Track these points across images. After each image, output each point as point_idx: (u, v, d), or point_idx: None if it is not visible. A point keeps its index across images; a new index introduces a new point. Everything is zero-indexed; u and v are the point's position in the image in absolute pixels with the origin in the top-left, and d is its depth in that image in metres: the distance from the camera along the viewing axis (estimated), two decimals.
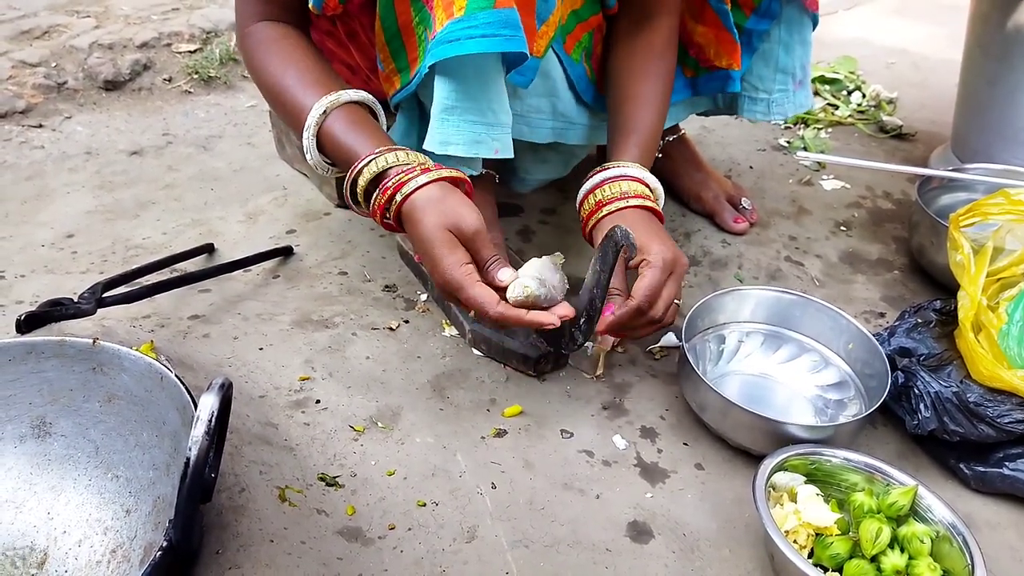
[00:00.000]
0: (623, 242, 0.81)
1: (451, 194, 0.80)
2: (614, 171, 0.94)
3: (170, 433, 0.70)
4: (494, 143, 0.87)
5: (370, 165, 0.81)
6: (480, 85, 0.84)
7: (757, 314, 1.01)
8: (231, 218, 1.25)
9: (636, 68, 1.02)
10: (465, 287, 0.77)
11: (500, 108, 0.87)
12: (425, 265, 0.82)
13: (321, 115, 0.84)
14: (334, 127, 0.84)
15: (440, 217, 0.78)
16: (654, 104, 1.00)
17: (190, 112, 1.61)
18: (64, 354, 0.74)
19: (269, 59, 0.90)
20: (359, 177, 0.81)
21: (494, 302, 0.78)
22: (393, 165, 0.81)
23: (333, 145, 0.85)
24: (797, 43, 1.16)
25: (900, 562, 0.73)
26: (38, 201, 1.28)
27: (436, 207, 0.78)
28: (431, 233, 0.78)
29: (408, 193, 0.79)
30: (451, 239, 0.78)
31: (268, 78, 0.90)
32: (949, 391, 0.85)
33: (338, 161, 0.86)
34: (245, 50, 0.94)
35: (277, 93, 0.89)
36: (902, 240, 1.28)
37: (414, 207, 0.79)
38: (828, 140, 1.59)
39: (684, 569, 0.76)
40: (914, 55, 2.05)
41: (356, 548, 0.74)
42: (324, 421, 0.88)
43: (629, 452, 0.88)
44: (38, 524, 0.71)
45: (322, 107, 0.84)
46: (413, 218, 0.79)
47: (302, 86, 0.87)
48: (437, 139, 0.85)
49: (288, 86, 0.87)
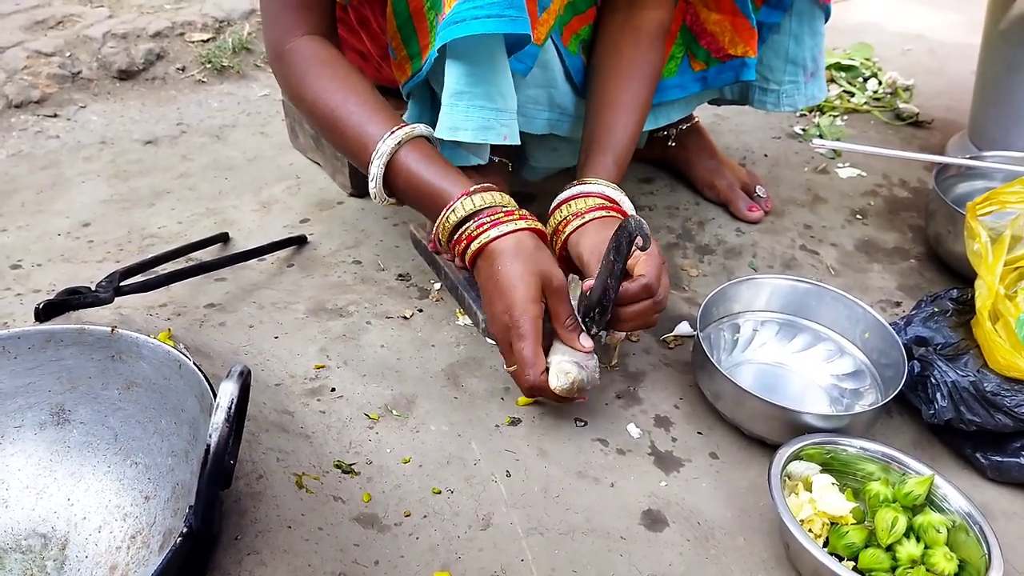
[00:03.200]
0: (637, 232, 0.80)
1: (543, 248, 0.83)
2: (572, 191, 0.94)
3: (188, 420, 0.71)
4: (503, 128, 0.87)
5: (465, 203, 0.81)
6: (489, 69, 0.84)
7: (772, 303, 1.00)
8: (245, 207, 1.25)
9: (619, 67, 1.00)
10: (527, 339, 0.79)
11: (508, 93, 0.87)
12: (491, 305, 0.82)
13: (395, 146, 0.83)
14: (409, 161, 0.84)
15: (533, 264, 0.80)
16: (633, 110, 0.99)
17: (204, 101, 1.61)
18: (83, 342, 0.74)
19: (325, 83, 0.88)
20: (452, 214, 0.82)
21: (540, 369, 0.80)
22: (490, 205, 0.82)
23: (410, 179, 0.84)
24: (808, 34, 1.14)
25: (916, 551, 0.73)
26: (54, 190, 1.29)
27: (530, 255, 0.81)
28: (521, 275, 0.80)
29: (503, 233, 0.81)
30: (538, 290, 0.80)
31: (324, 104, 0.88)
32: (966, 380, 0.85)
33: (410, 193, 0.86)
34: (287, 67, 0.91)
35: (336, 120, 0.87)
36: (918, 228, 1.27)
37: (504, 248, 0.80)
38: (844, 128, 1.58)
39: (699, 557, 0.76)
40: (931, 41, 2.03)
41: (372, 534, 0.75)
42: (339, 409, 0.88)
43: (643, 441, 0.88)
44: (58, 510, 0.72)
45: (397, 139, 0.83)
46: (500, 257, 0.81)
47: (365, 115, 0.86)
48: (447, 125, 0.84)
49: (351, 113, 0.86)
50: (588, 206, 0.91)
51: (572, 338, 0.82)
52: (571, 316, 0.83)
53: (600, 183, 0.94)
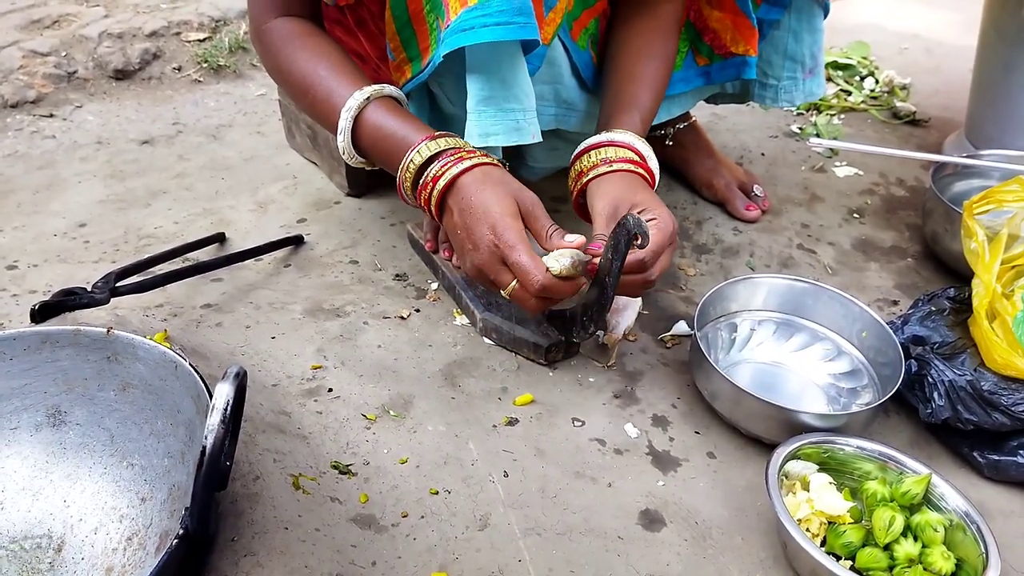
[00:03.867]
0: (635, 230, 0.80)
1: (508, 174, 0.84)
2: (600, 138, 0.92)
3: (185, 422, 0.70)
4: (530, 128, 0.88)
5: (428, 144, 0.82)
6: (511, 72, 0.84)
7: (769, 302, 1.00)
8: (242, 207, 1.25)
9: (639, 49, 1.00)
10: (520, 249, 0.78)
11: (529, 92, 0.87)
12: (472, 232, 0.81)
13: (364, 101, 0.85)
14: (376, 115, 0.86)
15: (505, 187, 0.81)
16: (654, 85, 0.99)
17: (200, 101, 1.61)
18: (79, 343, 0.74)
19: (297, 53, 0.90)
20: (416, 155, 0.82)
21: (542, 270, 0.79)
22: (452, 147, 0.82)
23: (376, 130, 0.86)
24: (806, 31, 1.15)
25: (913, 550, 0.73)
26: (50, 191, 1.28)
27: (499, 180, 0.81)
28: (496, 197, 0.80)
29: (467, 167, 0.81)
30: (515, 207, 0.81)
31: (297, 71, 0.90)
32: (963, 379, 0.85)
33: (377, 145, 0.87)
34: (265, 44, 0.94)
35: (308, 84, 0.89)
36: (916, 227, 1.27)
37: (472, 180, 0.81)
38: (841, 126, 1.58)
39: (696, 557, 0.76)
40: (928, 40, 2.03)
41: (369, 535, 0.75)
42: (336, 409, 0.88)
43: (641, 440, 0.88)
44: (54, 512, 0.72)
45: (365, 94, 0.85)
46: (469, 189, 0.80)
47: (336, 76, 0.88)
48: (477, 131, 0.85)
49: (321, 76, 0.88)
50: (617, 156, 0.90)
51: (558, 242, 0.81)
52: (552, 226, 0.82)
53: (629, 134, 0.93)
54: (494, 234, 0.79)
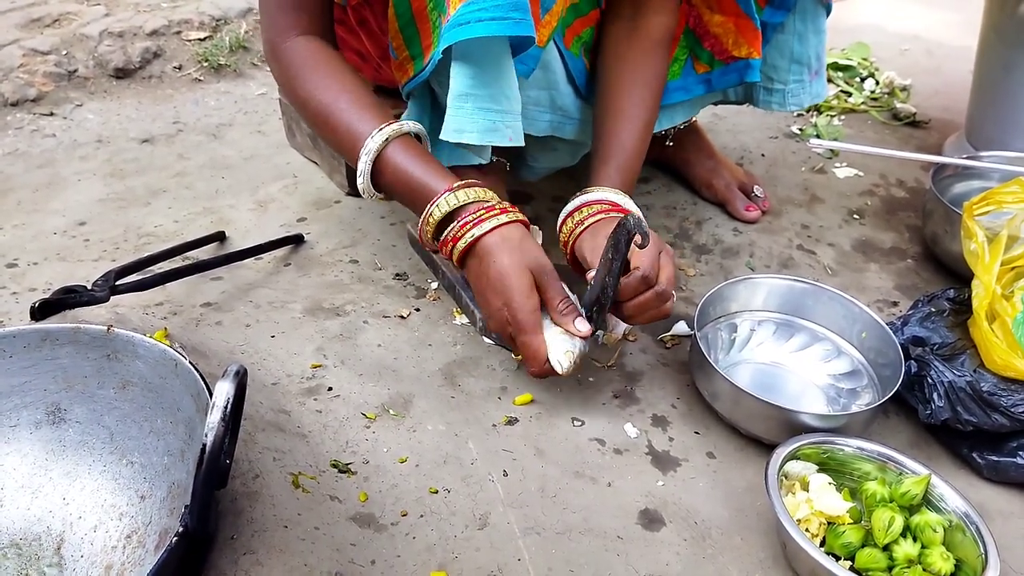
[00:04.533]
0: (635, 230, 0.80)
1: (528, 237, 0.84)
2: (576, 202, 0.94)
3: (184, 420, 0.70)
4: (507, 130, 0.86)
5: (448, 199, 0.82)
6: (494, 71, 0.83)
7: (769, 303, 1.00)
8: (242, 206, 1.25)
9: (625, 75, 1.00)
10: (530, 333, 0.82)
11: (513, 95, 0.87)
12: (488, 302, 0.84)
13: (383, 142, 0.85)
14: (397, 157, 0.85)
15: (522, 257, 0.81)
16: (639, 118, 0.99)
17: (200, 100, 1.61)
18: (79, 341, 0.74)
19: (317, 80, 0.89)
20: (436, 210, 0.83)
21: (544, 359, 0.82)
22: (473, 201, 0.83)
23: (397, 174, 0.85)
24: (811, 32, 1.14)
25: (912, 551, 0.73)
26: (50, 189, 1.28)
27: (517, 247, 0.82)
28: (512, 270, 0.81)
29: (488, 230, 0.82)
30: (531, 282, 0.82)
31: (316, 100, 0.89)
32: (963, 380, 0.85)
33: (397, 189, 0.87)
34: (282, 66, 0.92)
35: (328, 116, 0.88)
36: (915, 228, 1.27)
37: (491, 244, 0.82)
38: (841, 127, 1.58)
39: (696, 557, 0.76)
40: (928, 41, 2.03)
41: (369, 534, 0.75)
42: (336, 408, 0.88)
43: (640, 440, 0.88)
44: (54, 509, 0.72)
45: (384, 136, 0.85)
46: (489, 254, 0.82)
47: (356, 111, 0.87)
48: (452, 127, 0.84)
49: (341, 110, 0.87)
50: (590, 212, 0.92)
51: (568, 323, 0.83)
52: (564, 300, 0.84)
53: (602, 190, 0.94)
54: (508, 310, 0.82)
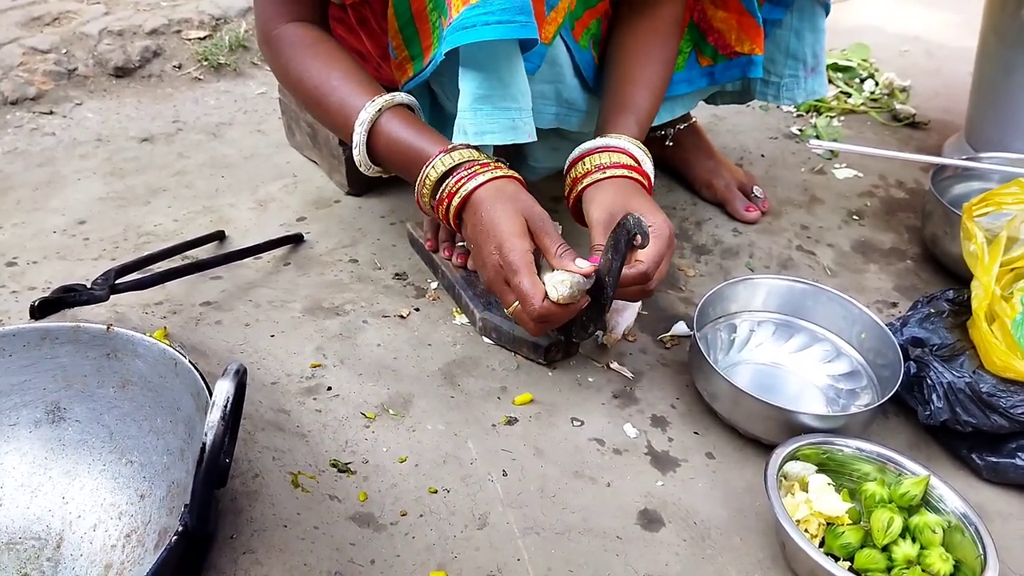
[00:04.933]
0: (635, 230, 0.80)
1: (522, 189, 0.84)
2: (595, 143, 0.93)
3: (184, 419, 0.70)
4: (526, 127, 0.88)
5: (444, 159, 0.83)
6: (508, 71, 0.84)
7: (769, 303, 1.00)
8: (241, 205, 1.25)
9: (637, 51, 1.01)
10: (522, 272, 0.80)
11: (526, 92, 0.88)
12: (480, 251, 0.83)
13: (376, 112, 0.85)
14: (391, 126, 0.86)
15: (514, 204, 0.81)
16: (652, 87, 0.99)
17: (200, 99, 1.61)
18: (78, 340, 0.74)
19: (309, 61, 0.90)
20: (431, 170, 0.83)
21: (541, 297, 0.80)
22: (468, 160, 0.83)
23: (391, 142, 0.86)
24: (808, 30, 1.15)
25: (912, 552, 0.73)
26: (49, 188, 1.28)
27: (510, 196, 0.82)
28: (504, 216, 0.80)
29: (482, 182, 0.82)
30: (523, 226, 0.81)
31: (308, 79, 0.90)
32: (962, 381, 0.85)
33: (392, 157, 0.87)
34: (274, 51, 0.93)
35: (321, 94, 0.89)
36: (915, 229, 1.27)
37: (485, 195, 0.81)
38: (841, 128, 1.58)
39: (695, 557, 0.76)
40: (928, 42, 2.03)
41: (368, 534, 0.75)
42: (336, 408, 0.88)
43: (640, 441, 0.88)
44: (53, 508, 0.72)
45: (377, 106, 0.85)
46: (482, 204, 0.81)
47: (348, 86, 0.88)
48: (472, 130, 0.85)
49: (333, 87, 0.88)
50: (611, 161, 0.90)
51: (567, 263, 0.81)
52: (560, 245, 0.83)
53: (625, 139, 0.93)
54: (500, 254, 0.81)
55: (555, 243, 0.82)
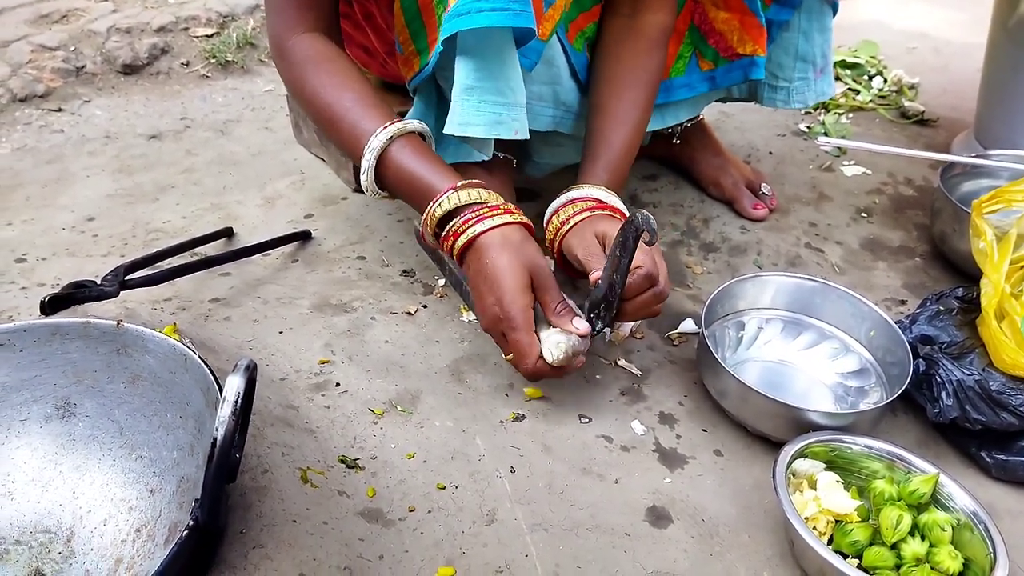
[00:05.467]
0: (643, 227, 0.80)
1: (529, 240, 0.83)
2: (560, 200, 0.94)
3: (194, 414, 0.71)
4: (513, 123, 0.87)
5: (451, 197, 0.82)
6: (498, 64, 0.83)
7: (777, 301, 1.00)
8: (249, 202, 1.25)
9: (617, 75, 1.00)
10: (521, 329, 0.80)
11: (517, 88, 0.87)
12: (481, 298, 0.83)
13: (387, 140, 0.84)
14: (401, 156, 0.85)
15: (519, 256, 0.81)
16: (630, 120, 0.99)
17: (208, 96, 1.61)
18: (89, 335, 0.74)
19: (323, 79, 0.89)
20: (438, 208, 0.82)
21: (535, 357, 0.81)
22: (476, 202, 0.82)
23: (400, 172, 0.85)
24: (817, 31, 1.14)
25: (920, 550, 0.73)
26: (58, 184, 1.29)
27: (516, 247, 0.81)
28: (509, 267, 0.80)
29: (489, 228, 0.81)
30: (526, 280, 0.81)
31: (321, 98, 0.89)
32: (971, 379, 0.85)
33: (401, 187, 0.86)
34: (288, 64, 0.93)
35: (333, 113, 0.88)
36: (924, 227, 1.27)
37: (490, 242, 0.81)
38: (849, 125, 1.58)
39: (703, 554, 0.76)
40: (936, 40, 2.02)
41: (377, 529, 0.75)
42: (344, 404, 0.88)
43: (648, 438, 0.88)
44: (64, 503, 0.72)
45: (388, 134, 0.84)
46: (487, 251, 0.81)
47: (360, 109, 0.87)
48: (457, 120, 0.84)
49: (347, 108, 0.87)
50: (575, 210, 0.92)
51: (565, 323, 0.82)
52: (560, 302, 0.83)
53: (588, 187, 0.94)
54: (500, 307, 0.81)
55: (555, 300, 0.83)
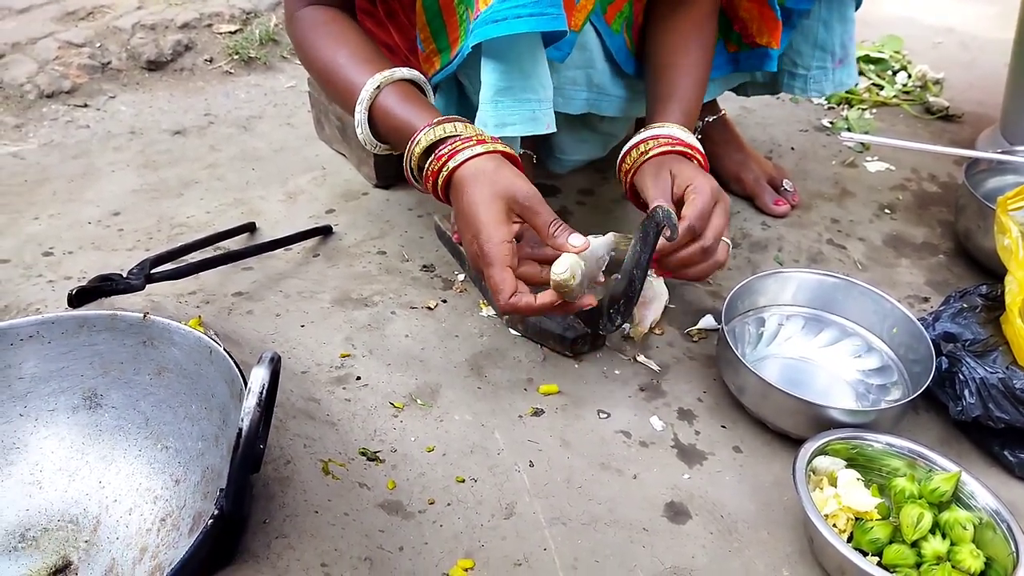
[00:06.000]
0: (664, 222, 0.80)
1: (505, 166, 0.79)
2: (641, 135, 0.93)
3: (219, 406, 0.72)
4: (545, 118, 0.88)
5: (427, 134, 0.80)
6: (530, 62, 0.84)
7: (799, 297, 1.00)
8: (272, 197, 1.26)
9: (677, 40, 1.00)
10: (494, 264, 0.75)
11: (548, 83, 0.88)
12: (463, 236, 0.80)
13: (375, 90, 0.85)
14: (387, 102, 0.85)
15: (492, 187, 0.77)
16: (695, 74, 0.99)
17: (231, 93, 1.63)
18: (115, 327, 0.76)
19: (320, 41, 0.91)
20: (416, 146, 0.81)
21: (508, 293, 0.76)
22: (450, 135, 0.80)
23: (386, 118, 0.85)
24: (837, 21, 1.14)
25: (941, 548, 0.72)
26: (84, 179, 1.31)
27: (489, 177, 0.77)
28: (480, 201, 0.76)
29: (461, 161, 0.78)
30: (502, 212, 0.76)
31: (319, 59, 0.90)
32: (995, 377, 0.84)
33: (390, 134, 0.87)
34: (295, 34, 0.95)
35: (329, 72, 0.90)
36: (948, 224, 1.25)
37: (464, 176, 0.78)
38: (873, 121, 1.56)
39: (722, 550, 0.76)
40: (962, 34, 1.99)
41: (397, 521, 0.76)
42: (365, 397, 0.89)
43: (666, 433, 0.88)
44: (90, 492, 0.74)
45: (375, 83, 0.85)
46: (462, 186, 0.78)
47: (354, 64, 0.88)
48: (493, 121, 0.85)
49: (340, 65, 0.88)
50: (656, 144, 0.91)
51: (562, 243, 0.77)
52: (553, 222, 0.78)
53: (667, 125, 0.93)
54: (477, 243, 0.77)
55: (547, 220, 0.78)
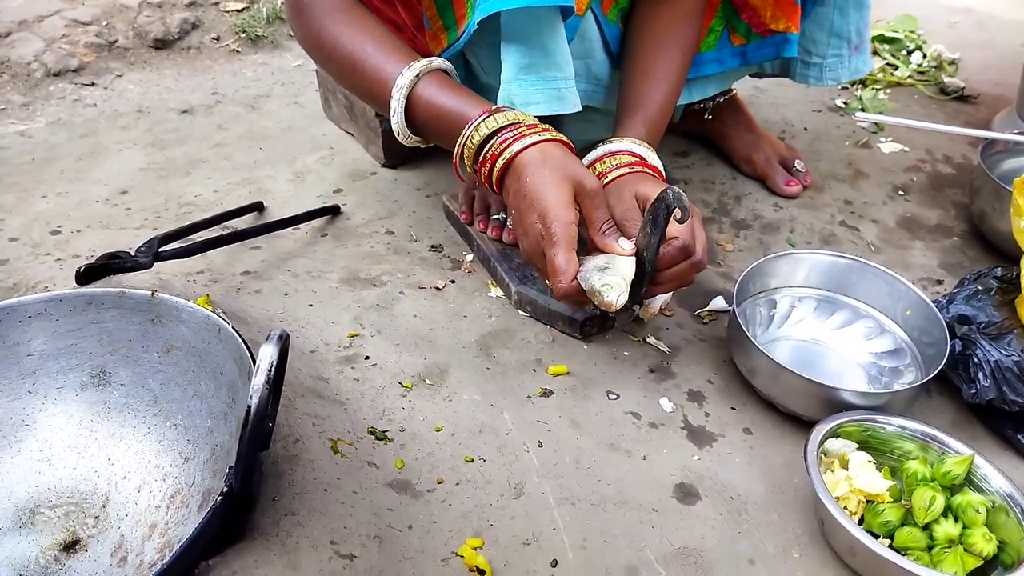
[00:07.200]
0: (675, 204, 0.79)
1: (570, 155, 0.80)
2: (598, 152, 0.92)
3: (227, 384, 0.71)
4: (571, 96, 0.86)
5: (488, 120, 0.80)
6: (551, 40, 0.83)
7: (811, 279, 0.99)
8: (279, 177, 1.26)
9: (656, 38, 0.98)
10: (560, 245, 0.77)
11: (569, 62, 0.86)
12: (523, 219, 0.80)
13: (414, 78, 0.83)
14: (428, 91, 0.83)
15: (563, 171, 0.77)
16: (668, 80, 0.97)
17: (238, 71, 1.62)
18: (123, 305, 0.75)
19: (341, 28, 0.88)
20: (475, 132, 0.80)
21: (572, 275, 0.77)
22: (512, 122, 0.80)
23: (429, 107, 0.83)
24: (853, 7, 1.11)
25: (954, 531, 0.71)
26: (92, 158, 1.30)
27: (559, 162, 0.78)
28: (551, 181, 0.77)
29: (527, 145, 0.78)
30: (570, 196, 0.77)
31: (343, 46, 0.87)
32: (1010, 360, 0.83)
33: (431, 122, 0.84)
34: (304, 18, 0.92)
35: (356, 60, 0.87)
36: (962, 205, 1.24)
37: (530, 160, 0.78)
38: (887, 101, 1.54)
39: (731, 531, 0.76)
40: (979, 14, 1.96)
41: (406, 500, 0.75)
42: (373, 377, 0.89)
43: (676, 415, 0.87)
44: (99, 469, 0.74)
45: (415, 71, 0.83)
46: (527, 169, 0.78)
47: (384, 53, 0.85)
48: (519, 100, 0.83)
49: (369, 53, 0.86)
50: (614, 164, 0.90)
51: (610, 244, 0.80)
52: (607, 221, 0.80)
53: (627, 140, 0.92)
54: (543, 224, 0.77)
55: (602, 218, 0.80)
